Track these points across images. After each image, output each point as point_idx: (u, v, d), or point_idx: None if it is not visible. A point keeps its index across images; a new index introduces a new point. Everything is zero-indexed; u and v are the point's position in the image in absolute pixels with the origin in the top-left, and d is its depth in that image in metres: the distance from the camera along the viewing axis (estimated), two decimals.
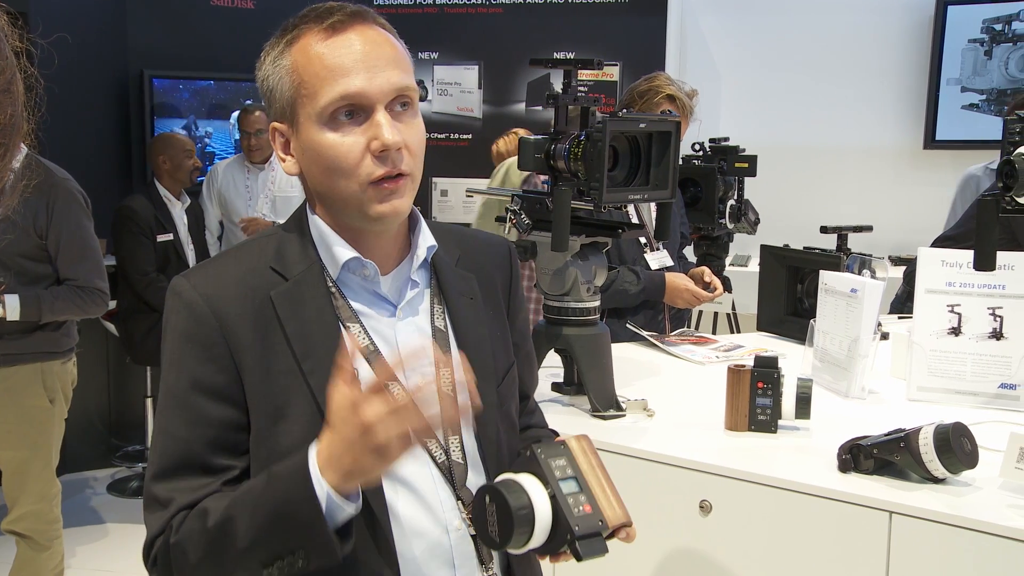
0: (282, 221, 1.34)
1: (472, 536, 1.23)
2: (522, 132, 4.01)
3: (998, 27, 5.34)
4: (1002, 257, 1.97)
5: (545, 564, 1.34)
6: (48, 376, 2.95)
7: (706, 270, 3.02)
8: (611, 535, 1.17)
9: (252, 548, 1.07)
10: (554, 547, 1.13)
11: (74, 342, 3.07)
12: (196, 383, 1.17)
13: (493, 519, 1.12)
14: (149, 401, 4.63)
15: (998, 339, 2.14)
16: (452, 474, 1.23)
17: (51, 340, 2.95)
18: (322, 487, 1.04)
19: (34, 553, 2.99)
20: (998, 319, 2.13)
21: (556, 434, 1.52)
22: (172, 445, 1.17)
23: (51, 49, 1.06)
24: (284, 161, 1.23)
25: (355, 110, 1.16)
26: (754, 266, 3.22)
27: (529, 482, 1.13)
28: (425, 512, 1.21)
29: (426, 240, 1.29)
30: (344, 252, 1.22)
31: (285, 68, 1.19)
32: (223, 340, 1.17)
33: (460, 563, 1.23)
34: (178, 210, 4.46)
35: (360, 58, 1.16)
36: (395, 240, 1.27)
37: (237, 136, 4.88)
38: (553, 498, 1.12)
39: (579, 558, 1.12)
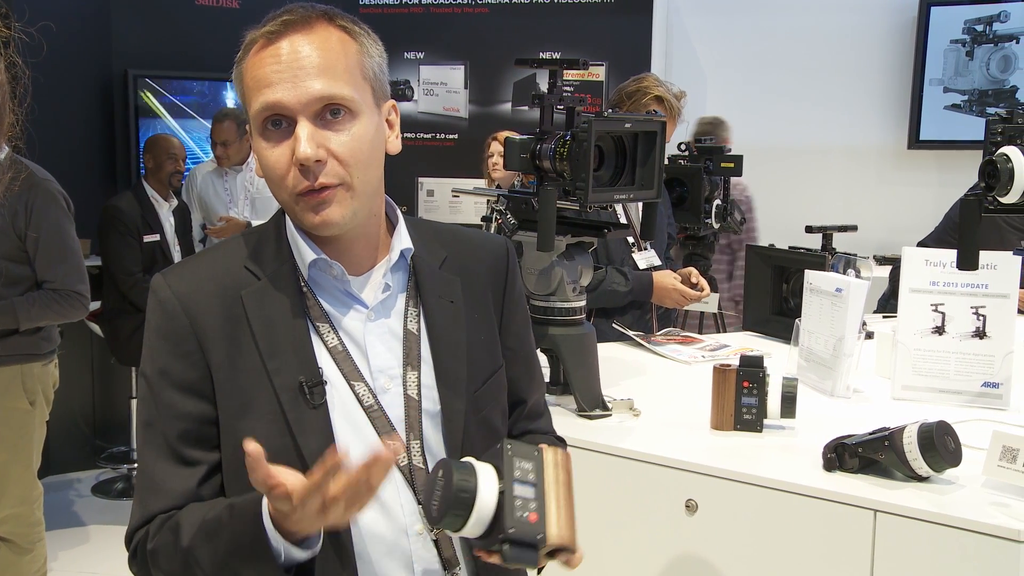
0: (261, 221, 1.34)
1: (434, 541, 1.23)
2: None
3: (979, 28, 5.38)
4: (985, 256, 1.98)
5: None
6: (28, 378, 2.92)
7: (693, 271, 3.03)
8: (552, 555, 1.12)
9: (215, 574, 1.13)
10: (488, 543, 1.10)
11: (55, 344, 3.04)
12: (168, 377, 1.19)
13: (438, 494, 1.09)
14: (134, 402, 4.60)
15: (981, 338, 2.15)
16: (413, 477, 1.22)
17: (31, 342, 2.92)
18: (275, 534, 1.08)
19: (16, 556, 2.97)
20: (981, 318, 2.15)
21: (563, 442, 1.48)
22: (149, 435, 1.21)
23: (40, 37, 1.05)
24: (256, 163, 1.25)
25: (282, 120, 1.16)
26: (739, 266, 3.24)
27: (485, 471, 1.11)
28: (383, 514, 1.21)
29: (401, 242, 1.27)
30: (310, 253, 1.23)
31: (239, 76, 1.21)
32: (193, 337, 1.19)
33: (420, 568, 1.22)
34: (165, 211, 4.44)
35: (282, 68, 1.15)
36: (367, 241, 1.26)
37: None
38: (502, 494, 1.09)
39: (504, 560, 1.08)
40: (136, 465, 4.75)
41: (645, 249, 2.98)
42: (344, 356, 1.21)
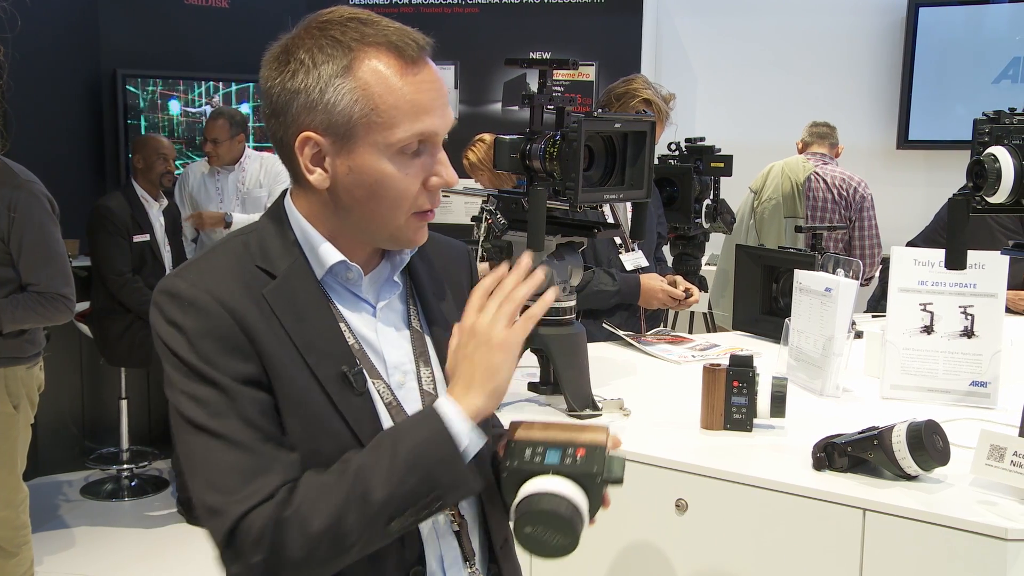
0: (244, 215, 1.34)
1: (455, 532, 1.25)
2: (487, 136, 4.00)
3: None
4: (973, 256, 1.99)
5: (523, 559, 1.34)
6: (12, 382, 2.89)
7: (679, 278, 3.03)
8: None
9: (388, 499, 1.08)
10: (596, 500, 1.16)
11: (40, 347, 3.01)
12: (227, 371, 1.11)
13: (550, 534, 1.13)
14: (124, 403, 4.58)
15: (969, 337, 2.16)
16: None
17: (14, 346, 2.89)
18: (461, 423, 1.12)
19: (1, 561, 2.95)
20: (969, 317, 2.16)
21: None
22: (228, 422, 1.10)
23: (18, 8, 1.03)
24: (312, 173, 1.18)
25: (421, 145, 1.18)
26: None
27: (534, 484, 1.15)
28: None
29: None
30: (332, 255, 1.21)
31: (350, 88, 1.14)
32: (241, 333, 1.13)
33: (449, 560, 1.24)
34: (155, 211, 4.42)
35: (437, 96, 1.18)
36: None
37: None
38: (558, 473, 1.15)
39: (620, 481, 1.18)
40: (181, 471, 4.63)
41: (632, 250, 2.98)
42: (362, 355, 1.22)
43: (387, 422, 1.21)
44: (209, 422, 1.11)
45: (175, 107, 5.27)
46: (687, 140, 3.69)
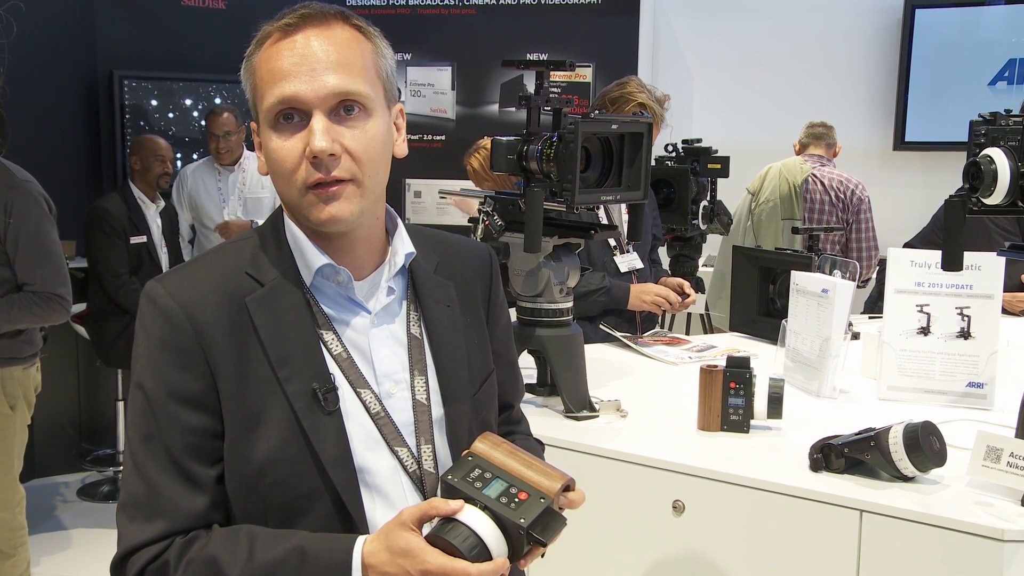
0: (253, 221, 1.33)
1: None
2: (488, 142, 3.99)
3: None
4: (969, 257, 1.99)
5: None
6: (8, 382, 2.89)
7: (686, 283, 3.02)
8: (566, 493, 1.15)
9: None
10: (518, 549, 1.10)
11: (37, 348, 3.01)
12: (172, 391, 1.15)
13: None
14: (120, 404, 4.57)
15: (966, 338, 2.16)
16: (423, 483, 1.22)
17: (12, 346, 2.89)
18: None
19: None
20: (966, 319, 2.16)
21: (541, 444, 1.51)
22: (150, 450, 1.16)
23: (17, 13, 1.04)
24: (260, 159, 1.23)
25: (295, 114, 1.15)
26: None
27: (462, 513, 1.09)
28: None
29: (404, 247, 1.27)
30: (317, 258, 1.21)
31: (250, 69, 1.20)
32: (199, 347, 1.15)
33: None
34: (152, 212, 4.42)
35: (300, 61, 1.14)
36: (371, 245, 1.25)
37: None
38: (486, 509, 1.08)
39: (544, 543, 1.10)
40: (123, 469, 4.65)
41: (628, 252, 2.98)
42: (349, 363, 1.20)
43: (362, 439, 1.19)
44: (138, 445, 1.17)
45: (172, 108, 5.26)
46: (684, 141, 3.69)
